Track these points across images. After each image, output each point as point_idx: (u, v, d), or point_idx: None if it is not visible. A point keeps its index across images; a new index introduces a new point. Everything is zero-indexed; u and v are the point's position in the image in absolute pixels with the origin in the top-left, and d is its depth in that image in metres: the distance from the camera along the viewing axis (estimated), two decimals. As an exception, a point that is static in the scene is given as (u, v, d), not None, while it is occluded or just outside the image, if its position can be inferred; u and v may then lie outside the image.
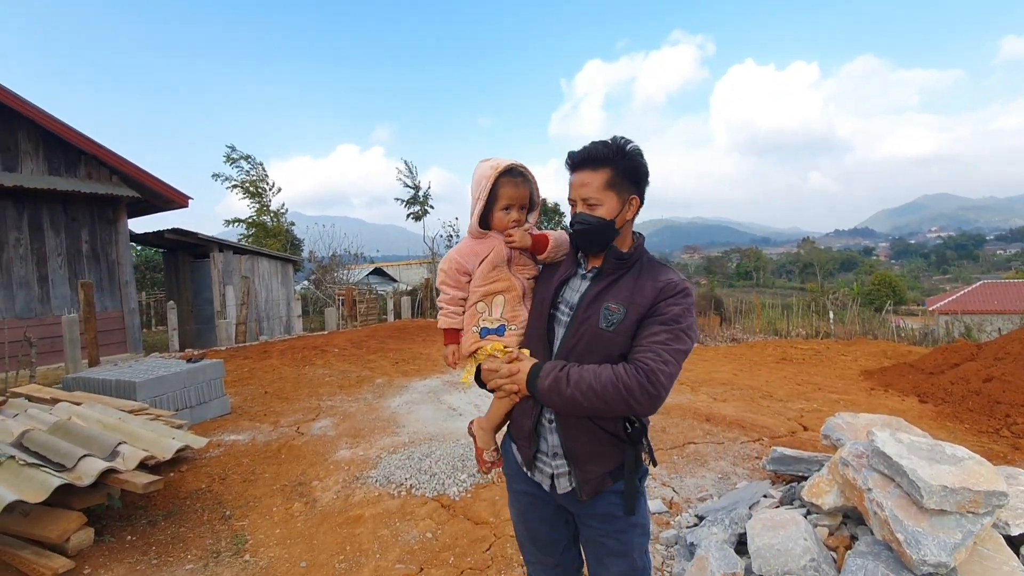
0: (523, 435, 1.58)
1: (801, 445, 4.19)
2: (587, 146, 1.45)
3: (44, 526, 2.95)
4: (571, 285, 1.56)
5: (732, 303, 16.33)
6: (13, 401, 4.35)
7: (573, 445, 1.48)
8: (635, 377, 1.32)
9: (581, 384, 1.35)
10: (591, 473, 1.48)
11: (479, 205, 1.58)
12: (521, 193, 1.59)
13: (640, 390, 1.31)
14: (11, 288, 8.39)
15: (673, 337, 1.37)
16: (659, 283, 1.43)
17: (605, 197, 1.43)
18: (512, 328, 1.60)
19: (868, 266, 75.75)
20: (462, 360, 1.66)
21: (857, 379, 7.51)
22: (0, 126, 8.33)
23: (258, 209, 20.13)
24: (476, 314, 1.61)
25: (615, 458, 1.48)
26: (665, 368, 1.33)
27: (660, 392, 1.33)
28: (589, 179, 1.44)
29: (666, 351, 1.35)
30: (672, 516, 3.25)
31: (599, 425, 1.46)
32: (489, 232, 1.63)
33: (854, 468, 2.45)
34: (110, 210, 9.58)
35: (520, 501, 1.68)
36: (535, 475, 1.59)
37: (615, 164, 1.43)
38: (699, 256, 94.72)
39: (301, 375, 7.57)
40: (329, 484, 3.83)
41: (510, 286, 1.61)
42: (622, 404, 1.33)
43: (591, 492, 1.49)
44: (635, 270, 1.49)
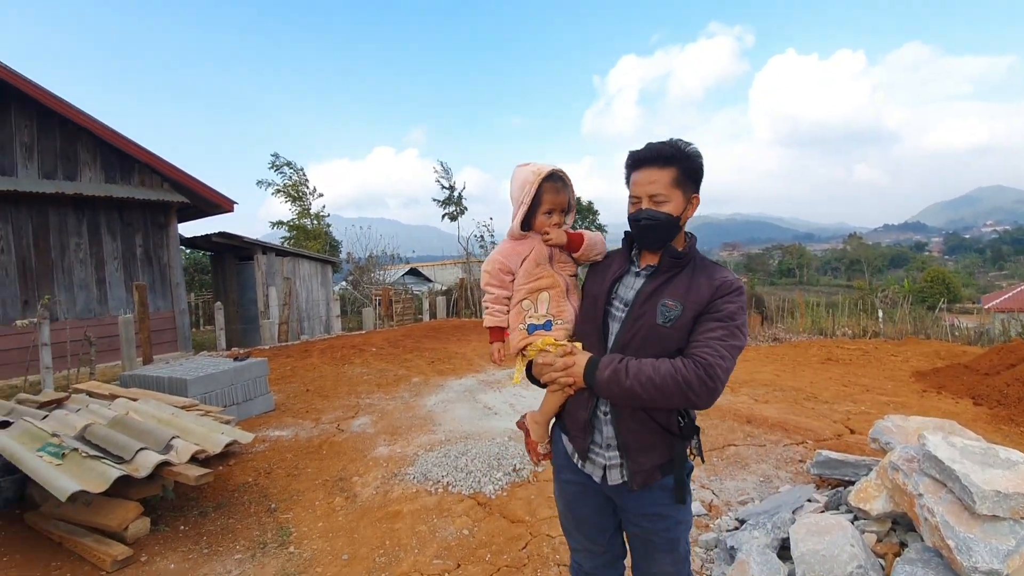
0: (578, 426, 1.62)
1: (848, 448, 4.05)
2: (652, 144, 1.50)
3: (105, 515, 3.14)
4: (624, 282, 1.61)
5: (774, 302, 15.85)
6: (75, 397, 4.62)
7: (627, 436, 1.53)
8: (694, 370, 1.38)
9: (640, 376, 1.40)
10: (643, 464, 1.52)
11: (523, 209, 1.63)
12: (561, 198, 1.65)
13: (699, 383, 1.37)
14: (72, 290, 8.92)
15: (728, 333, 1.43)
16: (715, 281, 1.49)
17: (672, 194, 1.49)
18: (559, 323, 1.64)
19: (920, 262, 72.23)
20: (509, 358, 1.70)
21: (908, 380, 7.18)
22: (62, 138, 8.87)
23: (299, 212, 20.76)
24: (522, 311, 1.65)
25: (665, 452, 1.53)
26: (722, 363, 1.39)
27: (717, 385, 1.38)
28: (657, 176, 1.48)
29: (722, 346, 1.41)
30: (711, 519, 3.19)
31: (653, 418, 1.51)
32: (528, 233, 1.68)
33: (904, 473, 2.35)
34: (162, 215, 10.06)
35: (568, 490, 1.71)
36: (586, 466, 1.63)
37: (680, 163, 1.48)
38: (739, 253, 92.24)
39: (340, 373, 7.77)
40: (369, 480, 3.93)
41: (554, 282, 1.65)
42: (680, 396, 1.38)
43: (641, 483, 1.53)
44: (689, 268, 1.54)
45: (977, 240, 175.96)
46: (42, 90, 8.32)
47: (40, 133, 8.63)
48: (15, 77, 8.00)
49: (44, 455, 3.26)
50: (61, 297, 8.72)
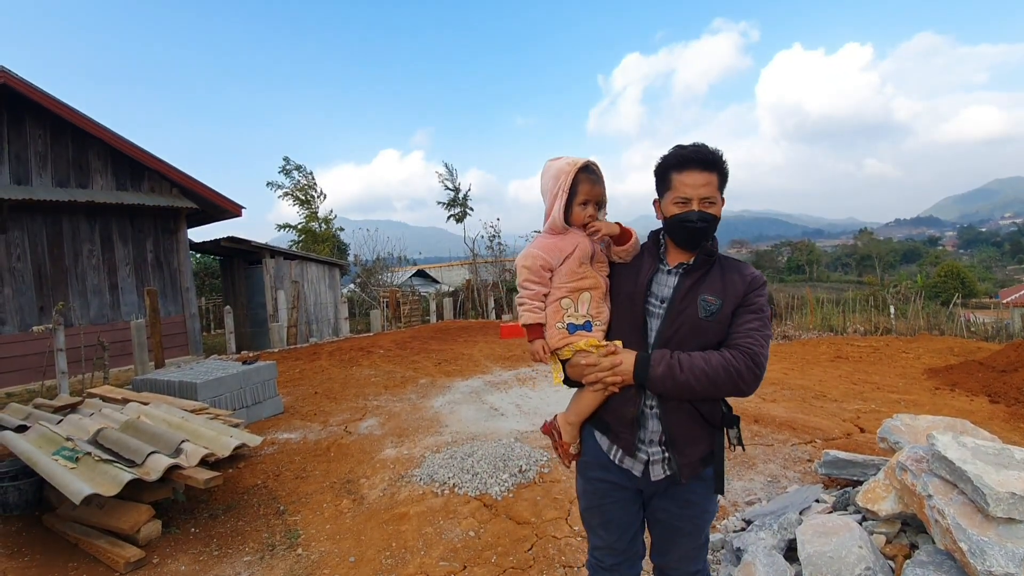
0: (624, 423, 1.64)
1: (857, 448, 4.01)
2: (698, 147, 1.56)
3: (117, 518, 3.19)
4: (657, 280, 1.66)
5: (783, 298, 15.71)
6: (89, 401, 4.70)
7: (675, 429, 1.60)
8: (742, 360, 1.49)
9: (695, 369, 1.48)
10: (689, 456, 1.60)
11: (561, 199, 1.62)
12: (597, 190, 1.65)
13: (747, 371, 1.48)
14: (86, 296, 9.06)
15: (763, 324, 1.56)
16: (746, 277, 1.61)
17: (718, 198, 1.58)
18: (597, 324, 1.64)
19: (933, 257, 71.21)
20: (549, 356, 1.68)
21: (920, 378, 7.09)
22: (74, 147, 9.02)
23: (307, 216, 20.92)
24: (560, 310, 1.64)
25: (709, 443, 1.63)
26: (763, 351, 1.52)
27: (761, 373, 1.51)
28: (708, 179, 1.55)
29: (760, 336, 1.54)
30: (718, 520, 3.17)
31: (698, 410, 1.59)
32: (570, 228, 1.66)
33: (913, 473, 2.32)
34: (171, 221, 10.19)
35: (597, 488, 1.74)
36: (626, 462, 1.67)
37: (721, 169, 1.58)
38: (747, 250, 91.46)
39: (349, 375, 7.82)
40: (376, 482, 3.95)
41: (596, 283, 1.66)
42: (731, 386, 1.49)
43: (689, 475, 1.61)
44: (717, 265, 1.64)
45: (994, 233, 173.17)
46: (55, 100, 8.46)
47: (53, 142, 8.78)
48: (29, 88, 8.14)
49: (59, 458, 3.32)
50: (75, 303, 8.86)
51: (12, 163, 8.37)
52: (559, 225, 1.64)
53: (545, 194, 1.67)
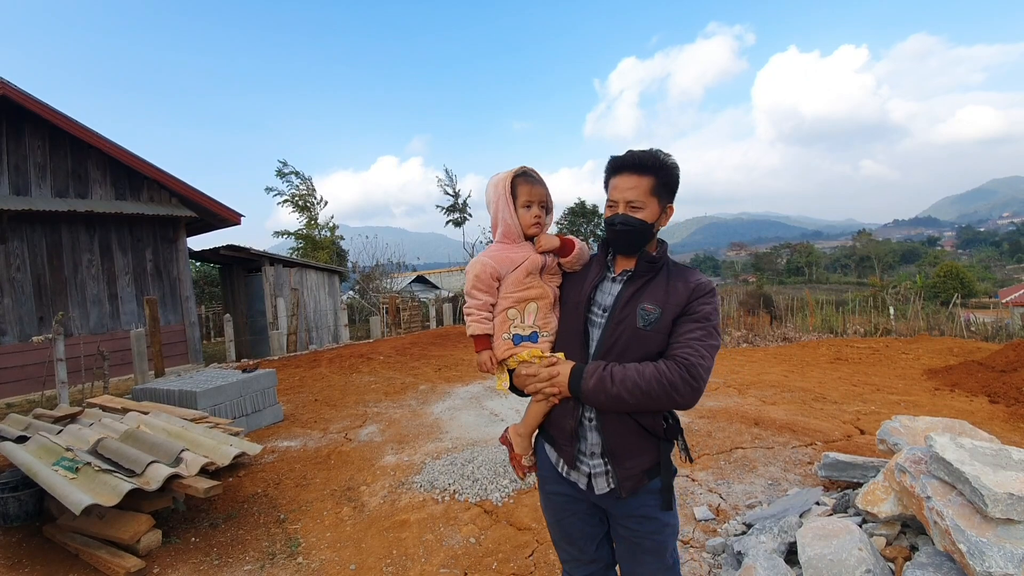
0: (564, 435, 1.61)
1: (857, 450, 4.01)
2: (633, 152, 1.54)
3: (117, 528, 3.18)
4: (602, 288, 1.63)
5: (783, 300, 15.73)
6: (89, 411, 4.69)
7: (613, 442, 1.54)
8: (677, 372, 1.41)
9: (626, 382, 1.43)
10: (631, 470, 1.54)
11: (509, 204, 1.64)
12: (537, 190, 1.66)
13: (683, 383, 1.41)
14: (86, 306, 9.06)
15: (707, 334, 1.47)
16: (691, 284, 1.53)
17: (648, 202, 1.53)
18: (544, 335, 1.64)
19: (932, 257, 71.27)
20: (496, 366, 1.69)
21: (920, 379, 7.10)
22: (73, 157, 9.05)
23: (307, 223, 20.94)
24: (507, 320, 1.63)
25: (652, 455, 1.56)
26: (703, 362, 1.43)
27: (700, 385, 1.42)
28: (636, 183, 1.52)
29: (702, 346, 1.45)
30: (719, 523, 3.17)
31: (638, 422, 1.52)
32: (521, 240, 1.68)
33: (911, 475, 2.33)
34: (171, 230, 10.20)
35: (554, 502, 1.72)
36: (572, 475, 1.64)
37: (658, 173, 1.53)
38: (746, 253, 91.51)
39: (349, 382, 7.81)
40: (376, 489, 3.95)
41: (543, 293, 1.65)
42: (666, 398, 1.42)
43: (631, 489, 1.55)
44: (664, 273, 1.58)
45: (993, 233, 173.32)
46: (53, 111, 8.49)
47: (52, 153, 8.81)
48: (28, 100, 8.17)
49: (59, 469, 3.32)
50: (75, 313, 8.86)
51: (11, 174, 8.39)
52: (514, 229, 1.65)
53: (489, 205, 1.70)
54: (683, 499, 3.49)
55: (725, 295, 16.55)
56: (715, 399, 5.96)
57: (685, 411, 1.68)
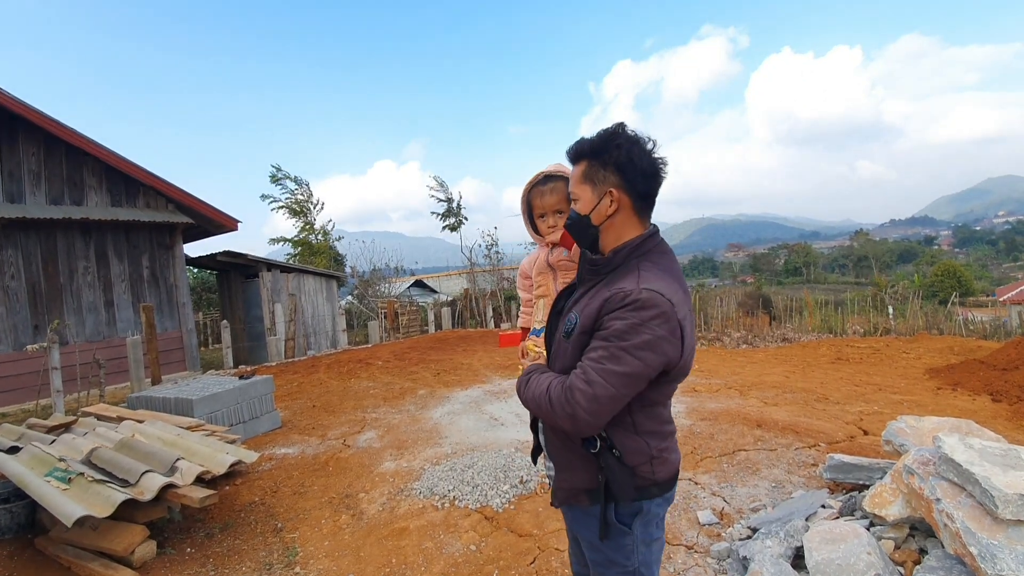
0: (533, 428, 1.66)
1: (861, 451, 3.96)
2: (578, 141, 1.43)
3: (111, 539, 3.12)
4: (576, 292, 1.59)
5: (781, 301, 15.70)
6: (83, 420, 4.64)
7: (549, 448, 1.51)
8: (557, 393, 1.27)
9: (528, 391, 1.38)
10: (563, 482, 1.46)
11: (524, 218, 1.78)
12: (549, 200, 1.68)
13: (559, 407, 1.25)
14: (81, 313, 8.99)
15: (608, 356, 1.22)
16: (609, 291, 1.28)
17: (581, 191, 1.38)
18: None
19: (929, 256, 71.47)
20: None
21: (922, 378, 7.06)
22: (68, 164, 9.00)
23: (302, 227, 20.86)
24: (532, 316, 1.81)
25: (588, 475, 1.38)
26: (587, 389, 1.21)
27: (576, 412, 1.21)
28: (572, 172, 1.44)
29: (594, 370, 1.22)
30: (723, 527, 3.12)
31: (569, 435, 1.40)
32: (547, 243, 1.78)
33: (920, 477, 2.29)
34: (167, 236, 10.15)
35: None
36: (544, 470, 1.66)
37: (592, 155, 1.35)
38: (744, 254, 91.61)
39: (347, 388, 7.75)
40: (375, 496, 3.89)
41: (547, 291, 1.75)
42: (550, 418, 1.31)
43: (562, 500, 1.49)
44: (612, 275, 1.35)
45: (989, 231, 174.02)
46: (48, 118, 8.45)
47: (47, 160, 8.76)
48: (22, 107, 8.13)
49: (51, 480, 3.26)
50: (70, 320, 8.79)
51: (6, 181, 8.33)
52: (536, 239, 1.80)
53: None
54: (686, 503, 3.44)
55: (724, 296, 16.52)
56: (716, 401, 5.92)
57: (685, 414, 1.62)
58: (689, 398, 6.12)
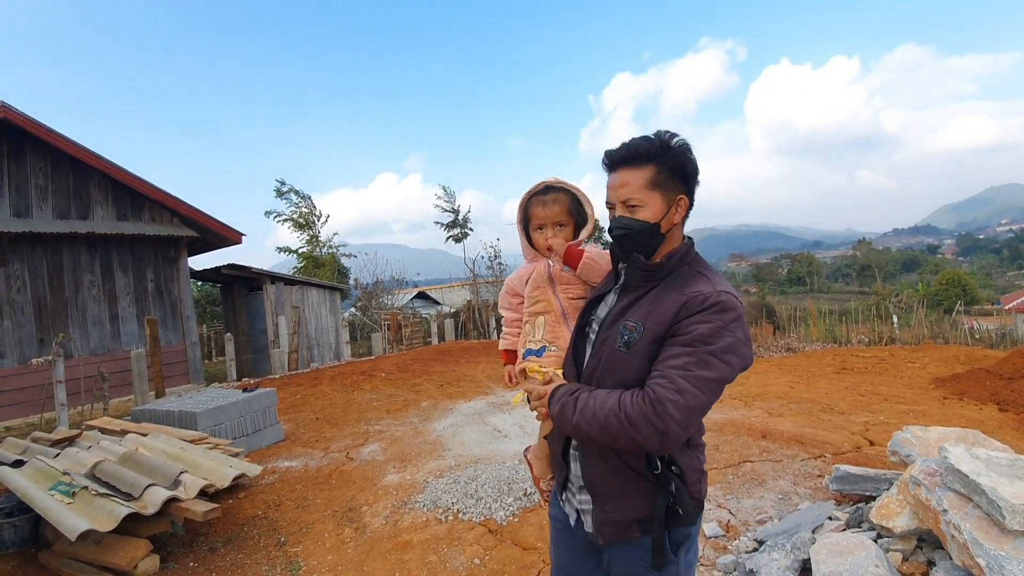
0: (555, 461, 1.53)
1: (868, 462, 3.93)
2: (627, 142, 1.32)
3: (114, 553, 3.11)
4: (606, 300, 1.45)
5: (785, 311, 15.67)
6: (87, 433, 4.64)
7: (592, 477, 1.35)
8: (639, 407, 1.16)
9: (586, 412, 1.23)
10: (612, 514, 1.32)
11: (520, 230, 1.68)
12: (549, 211, 1.59)
13: (644, 422, 1.15)
14: (86, 327, 9.03)
15: (696, 362, 1.16)
16: (684, 296, 1.23)
17: (648, 198, 1.28)
18: (552, 349, 1.57)
19: (933, 265, 71.27)
20: (517, 380, 1.67)
21: (927, 387, 7.02)
22: (75, 179, 9.10)
23: (308, 239, 20.99)
24: (525, 335, 1.64)
25: (642, 503, 1.30)
26: (679, 399, 1.14)
27: (668, 425, 1.14)
28: (630, 178, 1.29)
29: (683, 378, 1.15)
30: (729, 540, 3.09)
31: (623, 459, 1.29)
32: (537, 256, 1.69)
33: (926, 488, 2.27)
34: (172, 249, 10.22)
35: (553, 526, 1.61)
36: (565, 506, 1.51)
37: (660, 160, 1.28)
38: (747, 264, 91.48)
39: (350, 400, 7.74)
40: (378, 509, 3.87)
41: (549, 306, 1.61)
42: (625, 437, 1.18)
43: (609, 536, 1.33)
44: (668, 281, 1.32)
45: (992, 240, 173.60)
46: (55, 134, 8.56)
47: (53, 175, 8.86)
48: (30, 123, 8.24)
49: (55, 493, 3.26)
50: (75, 334, 8.83)
51: (12, 196, 8.43)
52: (528, 252, 1.70)
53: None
54: (692, 515, 3.41)
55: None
56: (721, 412, 5.89)
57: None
58: (693, 409, 6.09)
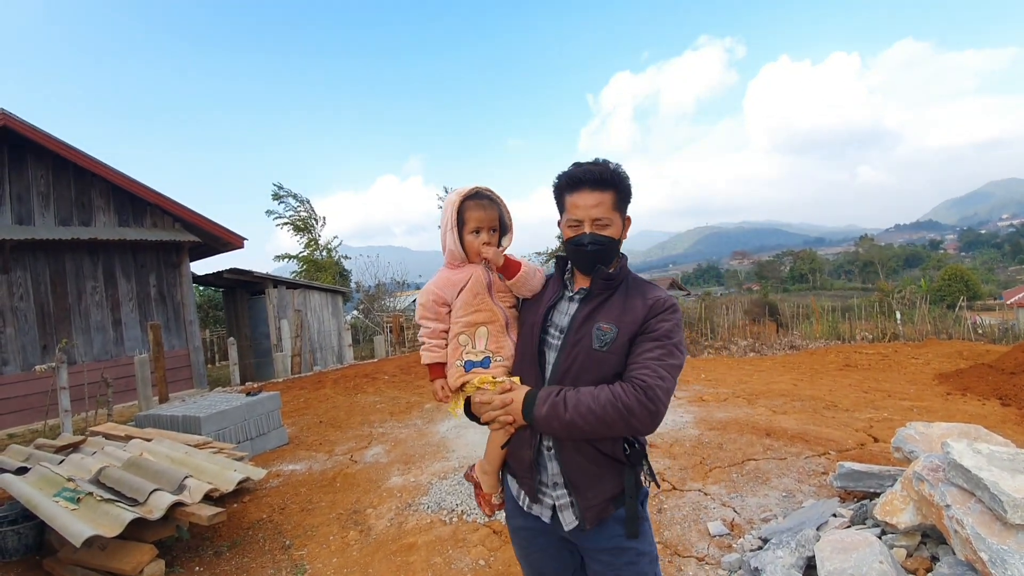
0: (523, 467, 1.54)
1: (872, 458, 3.93)
2: (590, 166, 1.48)
3: (120, 559, 3.12)
4: (559, 308, 1.56)
5: (788, 308, 15.65)
6: (92, 439, 4.65)
7: (573, 471, 1.47)
8: (633, 395, 1.34)
9: (580, 407, 1.35)
10: (593, 500, 1.46)
11: (453, 229, 1.57)
12: (489, 215, 1.58)
13: (640, 407, 1.33)
14: (89, 333, 9.06)
15: (666, 352, 1.40)
16: (648, 300, 1.47)
17: (614, 217, 1.49)
18: (497, 359, 1.55)
19: (935, 260, 71.12)
20: (451, 395, 1.61)
21: (931, 383, 7.01)
22: (76, 185, 9.13)
23: (307, 243, 21.02)
24: (459, 347, 1.56)
25: (616, 483, 1.47)
26: (662, 383, 1.35)
27: (659, 408, 1.34)
28: (599, 199, 1.46)
29: (661, 367, 1.37)
30: (734, 538, 3.09)
31: (598, 448, 1.45)
32: (467, 260, 1.61)
33: (930, 483, 2.28)
34: (174, 255, 10.24)
35: (520, 536, 1.63)
36: (534, 508, 1.55)
37: (618, 187, 1.48)
38: (749, 261, 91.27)
39: (354, 403, 7.75)
40: (383, 511, 3.88)
41: (492, 316, 1.57)
42: (622, 424, 1.34)
43: (594, 519, 1.46)
44: (622, 289, 1.52)
45: (994, 235, 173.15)
46: (56, 141, 8.59)
47: (55, 182, 8.89)
48: (30, 130, 8.27)
49: (60, 500, 3.27)
50: (79, 340, 8.86)
51: (14, 203, 8.46)
52: (457, 256, 1.59)
53: (440, 227, 1.62)
54: (696, 514, 3.42)
55: (729, 304, 16.48)
56: (725, 410, 5.89)
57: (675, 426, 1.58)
58: (697, 408, 6.09)
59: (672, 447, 4.64)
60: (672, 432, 5.07)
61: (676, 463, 4.29)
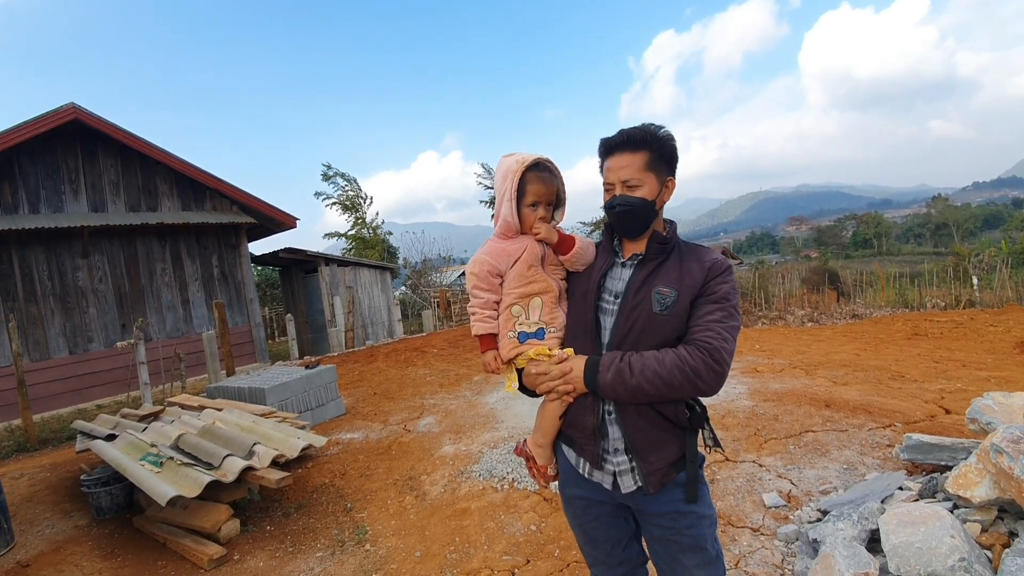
0: (586, 434, 1.53)
1: (942, 431, 3.72)
2: (624, 130, 1.48)
3: (200, 517, 3.39)
4: (612, 275, 1.55)
5: (850, 275, 14.84)
6: (169, 409, 5.02)
7: (636, 436, 1.46)
8: (699, 357, 1.35)
9: (646, 371, 1.36)
10: (655, 464, 1.46)
11: (511, 200, 1.53)
12: (548, 189, 1.55)
13: (706, 369, 1.34)
14: (162, 312, 9.71)
15: (727, 315, 1.41)
16: (705, 263, 1.47)
17: (645, 178, 1.46)
18: (551, 331, 1.54)
19: (1019, 220, 65.27)
20: (503, 367, 1.59)
21: (1011, 352, 6.51)
22: (143, 173, 9.67)
23: (354, 222, 21.56)
24: (512, 318, 1.55)
25: (677, 447, 1.48)
26: (726, 345, 1.37)
27: (724, 369, 1.36)
28: (628, 161, 1.46)
29: (723, 328, 1.39)
30: (791, 510, 3.02)
31: (660, 412, 1.45)
32: (519, 234, 1.58)
33: (1009, 455, 2.13)
34: (233, 236, 10.75)
35: (575, 505, 1.64)
36: (595, 475, 1.55)
37: (652, 147, 1.46)
38: (807, 227, 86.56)
39: (405, 376, 8.00)
40: (436, 478, 4.02)
41: (547, 287, 1.55)
42: (689, 386, 1.36)
43: (657, 484, 1.46)
44: (676, 254, 1.52)
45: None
46: (123, 131, 9.09)
47: (124, 170, 9.45)
48: (100, 122, 8.78)
49: (145, 463, 3.56)
50: (152, 319, 9.52)
51: (89, 192, 9.07)
52: (512, 228, 1.56)
53: (497, 192, 1.58)
54: (750, 485, 3.35)
55: (785, 273, 15.78)
56: (781, 381, 5.70)
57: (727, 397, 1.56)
58: (751, 379, 5.92)
59: (724, 419, 4.55)
60: (724, 403, 4.96)
61: (729, 434, 4.20)
